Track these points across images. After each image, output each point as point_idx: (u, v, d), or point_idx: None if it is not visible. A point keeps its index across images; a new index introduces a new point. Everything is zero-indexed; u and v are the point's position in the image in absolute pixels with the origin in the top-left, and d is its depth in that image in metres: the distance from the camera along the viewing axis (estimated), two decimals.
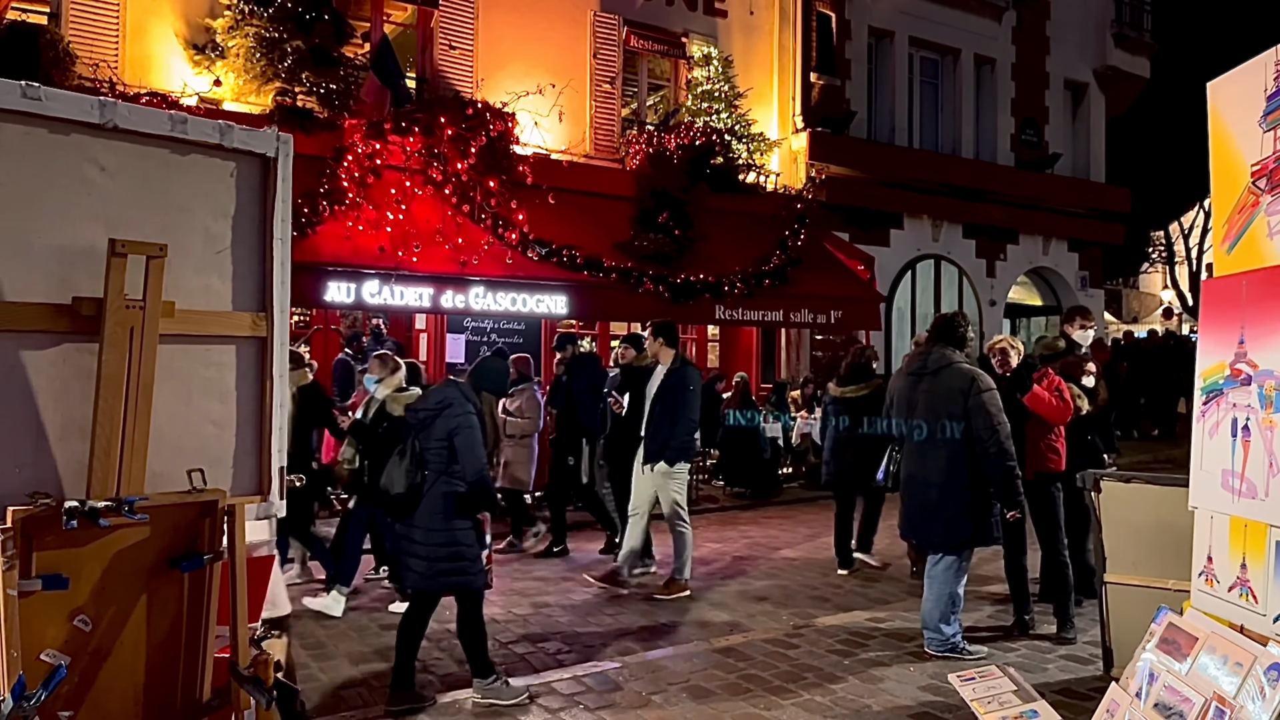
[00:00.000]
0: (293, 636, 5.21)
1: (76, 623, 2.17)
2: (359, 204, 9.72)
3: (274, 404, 2.60)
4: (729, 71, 13.55)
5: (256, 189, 2.59)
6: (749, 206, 13.01)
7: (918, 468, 5.23)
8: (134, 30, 9.88)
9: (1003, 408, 5.04)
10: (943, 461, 5.08)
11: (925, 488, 5.16)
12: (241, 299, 2.58)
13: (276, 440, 2.60)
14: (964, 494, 5.03)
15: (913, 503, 5.27)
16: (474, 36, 11.87)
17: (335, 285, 9.29)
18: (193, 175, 2.49)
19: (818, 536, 8.90)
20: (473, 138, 10.45)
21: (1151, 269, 30.59)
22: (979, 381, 5.04)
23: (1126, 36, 18.52)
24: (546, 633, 5.79)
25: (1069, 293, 18.20)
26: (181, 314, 2.39)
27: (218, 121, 2.52)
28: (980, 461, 4.98)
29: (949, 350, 5.22)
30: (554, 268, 10.65)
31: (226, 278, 2.54)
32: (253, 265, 2.58)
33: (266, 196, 2.61)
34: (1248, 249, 3.05)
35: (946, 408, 5.08)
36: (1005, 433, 4.97)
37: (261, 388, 2.59)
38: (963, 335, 5.27)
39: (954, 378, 5.10)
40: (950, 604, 5.10)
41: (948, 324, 5.36)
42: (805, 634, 5.57)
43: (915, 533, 5.33)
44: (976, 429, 4.96)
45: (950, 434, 5.06)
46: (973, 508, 5.03)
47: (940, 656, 5.07)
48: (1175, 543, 4.53)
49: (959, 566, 5.12)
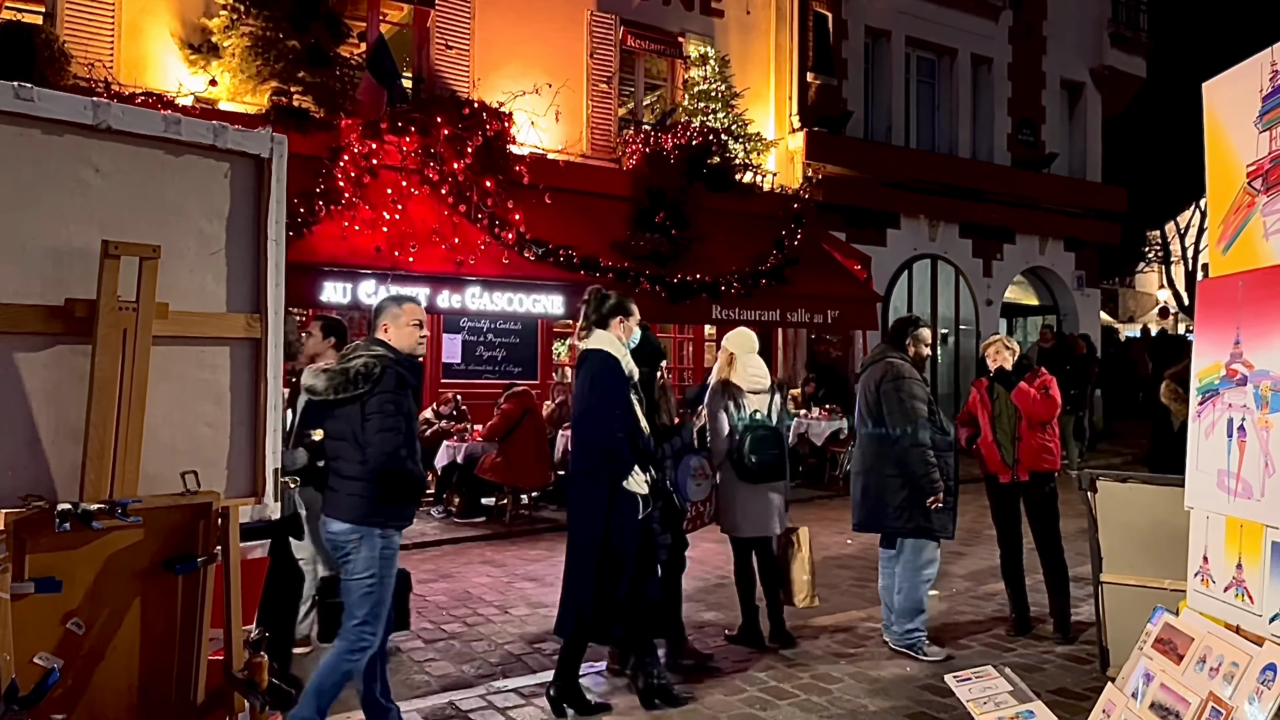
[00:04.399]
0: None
1: (70, 626, 2.16)
2: (355, 204, 9.71)
3: (268, 405, 2.59)
4: (725, 71, 13.55)
5: (250, 190, 2.58)
6: (746, 206, 13.01)
7: (857, 460, 5.37)
8: (129, 30, 9.86)
9: (921, 396, 5.05)
10: (870, 454, 5.19)
11: (858, 476, 5.29)
12: (236, 300, 2.56)
13: (271, 442, 2.59)
14: (888, 482, 5.08)
15: (853, 494, 5.37)
16: (470, 36, 11.86)
17: (331, 285, 9.28)
18: (187, 176, 2.48)
19: (813, 536, 8.87)
20: (469, 137, 10.44)
21: (1147, 269, 30.64)
22: (889, 372, 5.11)
23: (1123, 36, 18.53)
24: (543, 634, 5.78)
25: (1065, 292, 18.23)
26: (175, 315, 2.38)
27: (211, 122, 2.52)
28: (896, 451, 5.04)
29: (887, 348, 5.32)
30: (550, 268, 10.64)
31: (220, 279, 2.53)
32: (247, 266, 2.57)
33: (261, 197, 2.60)
34: (1244, 249, 3.05)
35: (866, 400, 5.22)
36: (912, 421, 4.97)
37: (256, 389, 2.58)
38: (906, 338, 5.28)
39: (875, 371, 5.22)
40: (908, 600, 5.12)
41: (898, 326, 5.44)
42: (801, 634, 5.56)
43: (858, 524, 5.37)
44: (886, 419, 5.04)
45: (870, 426, 5.17)
46: (900, 496, 5.05)
47: (899, 653, 5.11)
48: (1172, 542, 4.53)
49: (911, 561, 5.12)
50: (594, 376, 4.24)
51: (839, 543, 8.72)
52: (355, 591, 3.59)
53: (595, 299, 4.40)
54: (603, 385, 4.21)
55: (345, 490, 3.58)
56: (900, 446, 4.99)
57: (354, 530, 3.56)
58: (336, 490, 3.61)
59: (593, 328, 4.35)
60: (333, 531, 3.59)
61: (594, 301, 4.39)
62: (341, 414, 3.59)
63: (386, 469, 3.52)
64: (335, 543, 3.59)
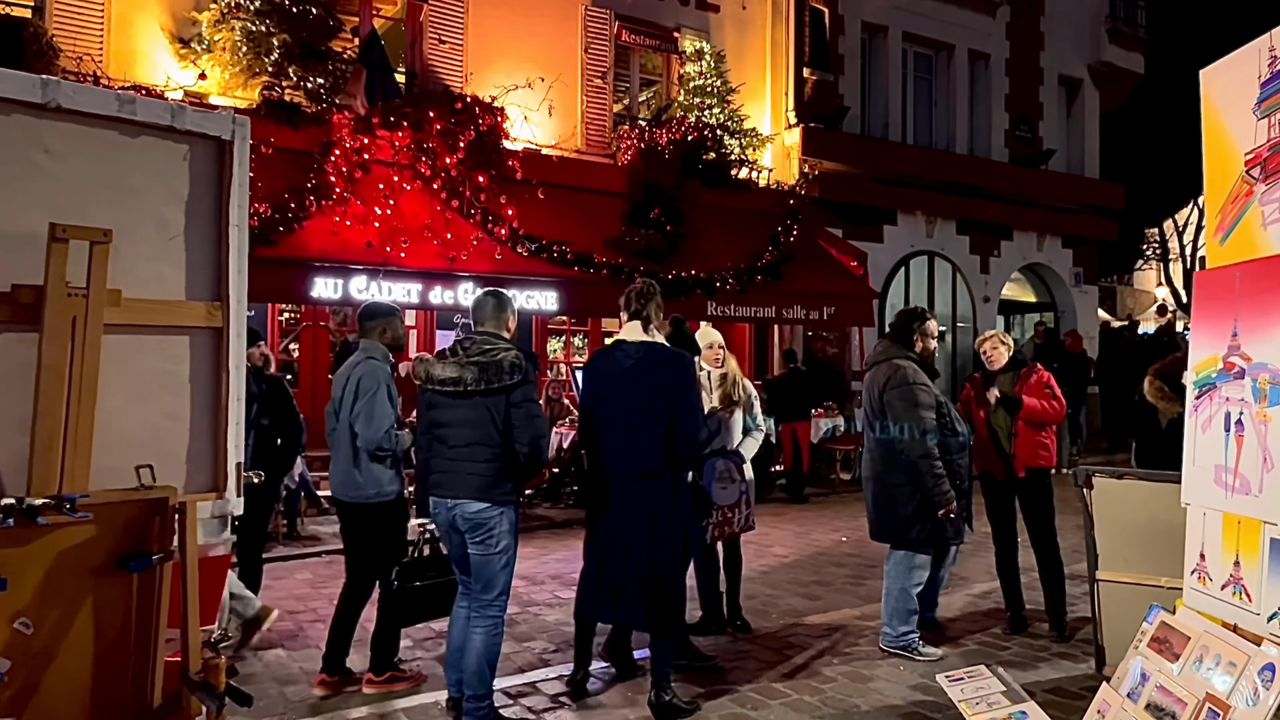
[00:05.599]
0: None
1: (17, 625, 2.07)
2: (346, 199, 9.62)
3: (231, 397, 2.49)
4: (721, 66, 13.46)
5: (211, 173, 2.48)
6: (741, 202, 12.92)
7: (866, 464, 5.24)
8: (119, 23, 9.77)
9: (928, 403, 4.88)
10: (878, 459, 5.05)
11: (869, 483, 5.17)
12: (196, 288, 2.47)
13: (234, 435, 2.49)
14: (898, 490, 4.95)
15: (866, 500, 5.26)
16: (464, 31, 11.76)
17: (322, 281, 9.18)
18: (143, 158, 2.38)
19: (808, 534, 8.82)
20: (462, 132, 10.35)
21: (1146, 266, 30.53)
22: (894, 375, 4.95)
23: (1121, 32, 18.44)
24: (533, 632, 5.70)
25: (1063, 289, 18.15)
26: (130, 303, 2.28)
27: (168, 102, 2.42)
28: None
29: (893, 346, 5.15)
30: (544, 263, 10.55)
31: (179, 266, 2.43)
32: (208, 253, 2.47)
33: (222, 181, 2.50)
34: (1241, 239, 2.96)
35: (871, 403, 5.08)
36: (919, 429, 4.81)
37: (218, 380, 2.48)
38: (912, 333, 5.13)
39: (879, 372, 5.06)
40: (901, 601, 5.02)
41: (903, 320, 5.25)
42: (794, 632, 5.48)
43: (874, 534, 5.25)
44: (891, 426, 4.90)
45: (877, 431, 5.03)
46: (911, 505, 4.91)
47: (893, 654, 5.01)
48: (1168, 540, 4.44)
49: (910, 564, 5.02)
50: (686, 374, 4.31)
51: (834, 540, 8.64)
52: (495, 565, 3.92)
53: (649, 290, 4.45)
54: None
55: (481, 472, 3.83)
56: (907, 456, 4.85)
57: (495, 508, 3.85)
58: (472, 473, 3.83)
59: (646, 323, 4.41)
60: (473, 511, 3.84)
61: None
62: (472, 403, 3.81)
63: (536, 450, 3.85)
64: (476, 521, 3.84)
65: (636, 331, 4.29)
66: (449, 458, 3.89)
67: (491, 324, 4.03)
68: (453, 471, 3.87)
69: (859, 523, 8.62)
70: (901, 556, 5.03)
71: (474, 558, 3.93)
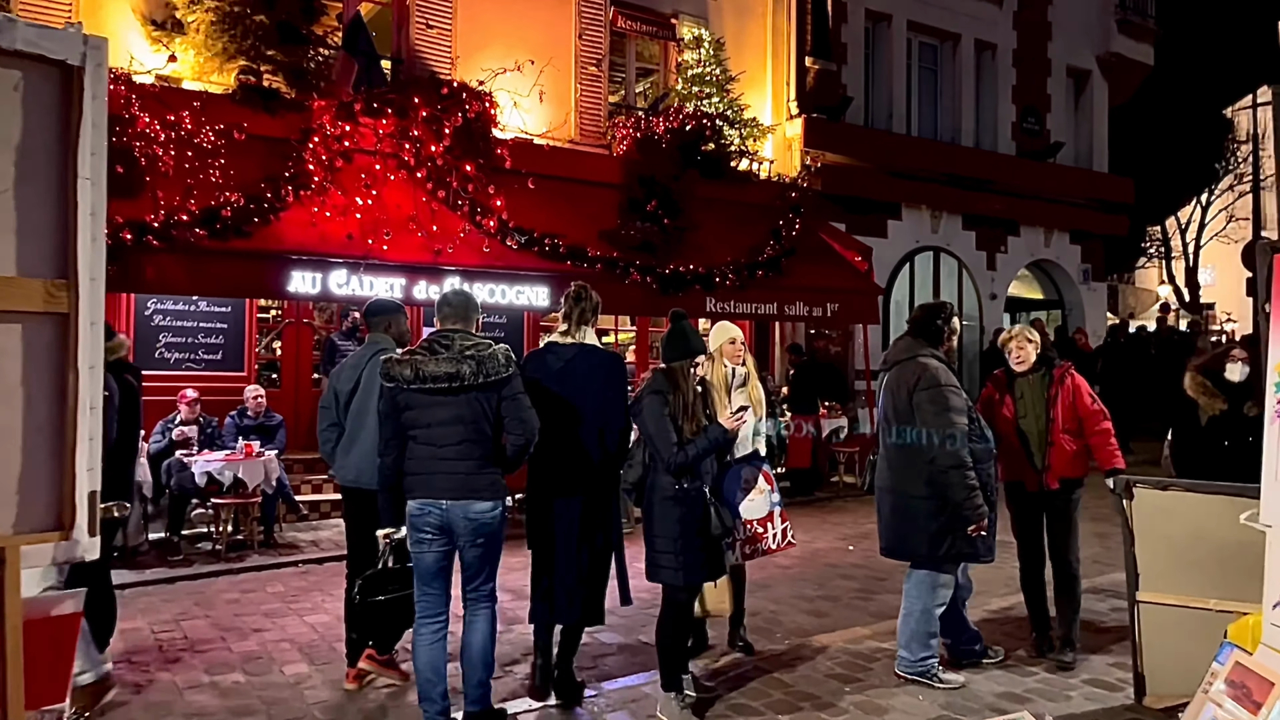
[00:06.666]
0: None
1: None
2: (326, 189, 9.15)
3: (81, 406, 1.93)
4: (720, 54, 13.00)
5: (54, 109, 1.93)
6: (741, 195, 12.46)
7: (882, 472, 4.76)
8: (88, 5, 9.29)
9: (960, 407, 4.41)
10: (898, 467, 4.58)
11: (885, 493, 4.69)
12: (30, 261, 1.92)
13: (85, 456, 1.93)
14: (920, 503, 4.46)
15: (878, 510, 4.79)
16: (453, 15, 11.30)
17: (299, 275, 8.71)
18: None
19: (811, 542, 8.35)
20: (448, 119, 9.88)
21: (1148, 264, 30.09)
22: (924, 377, 4.46)
23: (1130, 22, 18.02)
24: (517, 653, 5.24)
25: (1071, 286, 17.73)
26: None
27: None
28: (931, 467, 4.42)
29: (917, 343, 4.65)
30: (535, 257, 10.08)
31: (8, 231, 1.88)
32: (48, 214, 1.91)
33: (70, 120, 1.96)
34: None
35: (895, 405, 4.59)
36: (952, 436, 4.34)
37: (62, 383, 1.93)
38: (939, 329, 4.66)
39: (905, 372, 4.58)
40: (922, 623, 4.56)
41: (926, 315, 4.75)
42: (801, 655, 5.03)
43: (886, 549, 4.77)
44: (920, 433, 4.43)
45: (895, 436, 4.57)
46: (936, 520, 4.43)
47: (911, 680, 4.56)
48: (1217, 557, 4.02)
49: (934, 583, 4.55)
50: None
51: (839, 549, 8.19)
52: (491, 560, 3.88)
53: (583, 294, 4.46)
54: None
55: (478, 470, 3.75)
56: (937, 466, 4.36)
57: (497, 504, 3.81)
58: (470, 473, 3.73)
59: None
60: (479, 511, 3.74)
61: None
62: (462, 399, 3.69)
63: (528, 443, 3.77)
64: (482, 521, 3.75)
65: (571, 333, 4.35)
66: (439, 458, 3.74)
67: (463, 322, 3.93)
68: (444, 472, 3.74)
69: (864, 529, 8.19)
70: (924, 575, 4.56)
71: (472, 555, 3.83)
